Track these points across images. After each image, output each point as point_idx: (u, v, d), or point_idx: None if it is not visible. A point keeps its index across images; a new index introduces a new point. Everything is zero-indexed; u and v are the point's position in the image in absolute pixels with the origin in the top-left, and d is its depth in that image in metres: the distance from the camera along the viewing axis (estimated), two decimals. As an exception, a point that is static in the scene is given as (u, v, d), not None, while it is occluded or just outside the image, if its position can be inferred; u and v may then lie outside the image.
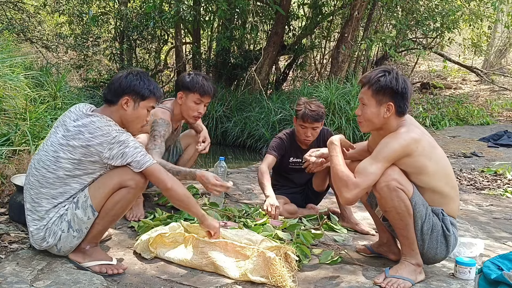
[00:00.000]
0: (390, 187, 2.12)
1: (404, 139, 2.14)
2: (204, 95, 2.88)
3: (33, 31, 10.63)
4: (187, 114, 2.93)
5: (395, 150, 2.13)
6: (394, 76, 2.18)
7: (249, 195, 3.87)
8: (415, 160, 2.14)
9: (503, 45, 13.54)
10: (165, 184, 2.14)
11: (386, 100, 2.18)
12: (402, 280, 2.15)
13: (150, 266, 2.24)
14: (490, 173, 5.26)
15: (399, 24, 8.87)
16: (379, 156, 2.14)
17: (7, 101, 3.51)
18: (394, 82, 2.16)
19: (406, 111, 2.23)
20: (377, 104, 2.20)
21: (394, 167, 2.15)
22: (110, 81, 2.21)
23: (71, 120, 2.11)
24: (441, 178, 2.20)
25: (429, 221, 2.18)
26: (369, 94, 2.22)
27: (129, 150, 2.06)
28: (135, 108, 2.18)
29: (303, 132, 3.15)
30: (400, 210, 2.14)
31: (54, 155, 2.06)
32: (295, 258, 2.26)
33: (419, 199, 2.17)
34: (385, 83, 2.17)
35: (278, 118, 7.52)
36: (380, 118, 2.21)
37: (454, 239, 2.25)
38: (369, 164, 2.15)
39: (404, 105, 2.19)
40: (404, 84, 2.18)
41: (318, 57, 11.84)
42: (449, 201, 2.24)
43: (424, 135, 2.22)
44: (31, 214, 2.11)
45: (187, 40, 11.27)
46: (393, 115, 2.20)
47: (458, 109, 9.30)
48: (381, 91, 2.18)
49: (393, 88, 2.16)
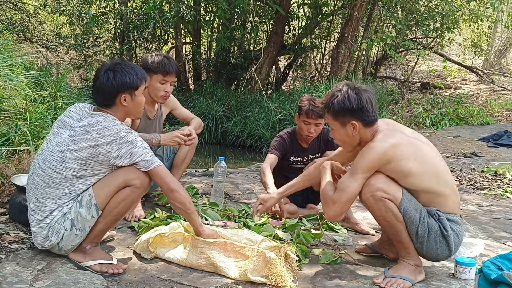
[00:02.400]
0: (376, 198, 2.13)
1: (380, 147, 2.12)
2: (167, 75, 2.94)
3: (33, 31, 10.64)
4: (155, 94, 2.99)
5: (372, 160, 2.12)
6: (345, 95, 2.18)
7: (249, 195, 3.87)
8: (397, 165, 2.11)
9: (503, 45, 13.54)
10: (169, 186, 2.15)
11: (347, 120, 2.19)
12: (401, 280, 2.15)
13: (150, 266, 2.24)
14: (490, 173, 5.26)
15: (399, 24, 8.88)
16: (357, 169, 2.15)
17: (7, 101, 3.50)
18: (347, 102, 2.17)
19: (374, 119, 2.20)
20: (342, 126, 2.23)
21: (378, 176, 2.14)
22: (98, 86, 2.15)
23: (74, 120, 2.11)
24: (430, 177, 2.15)
25: (424, 224, 2.14)
26: (331, 119, 2.26)
27: (138, 150, 2.09)
28: (133, 100, 2.20)
29: (306, 128, 3.14)
30: (388, 219, 2.15)
31: (60, 155, 2.06)
32: (295, 258, 2.26)
33: (409, 204, 2.13)
34: (339, 106, 2.18)
35: (278, 118, 7.53)
36: (351, 137, 2.23)
37: (455, 237, 2.18)
38: (346, 179, 2.17)
39: (368, 116, 2.18)
40: (358, 98, 2.16)
41: (318, 57, 11.84)
42: (445, 198, 2.18)
43: (404, 137, 2.17)
44: (34, 214, 2.11)
45: (187, 40, 11.27)
46: (362, 129, 2.20)
47: (458, 109, 9.30)
48: (339, 114, 2.20)
49: (348, 108, 2.17)
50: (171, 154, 3.25)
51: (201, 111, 8.33)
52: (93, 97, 2.20)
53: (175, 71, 2.98)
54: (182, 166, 3.19)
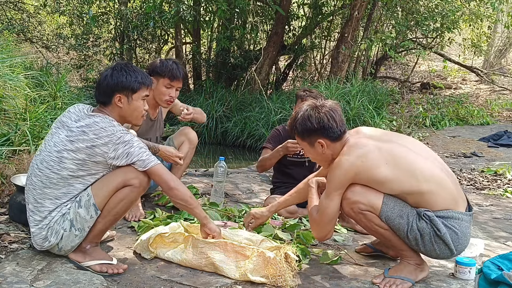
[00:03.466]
0: (355, 211, 2.14)
1: (346, 161, 2.09)
2: (173, 80, 2.96)
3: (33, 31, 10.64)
4: (159, 98, 3.00)
5: (339, 175, 2.11)
6: (305, 116, 2.19)
7: (249, 195, 3.87)
8: (367, 175, 2.08)
9: (503, 45, 13.54)
10: (169, 184, 2.15)
11: (313, 139, 2.20)
12: (400, 280, 2.15)
13: (150, 266, 2.24)
14: (490, 173, 5.25)
15: (398, 25, 8.88)
16: (329, 188, 2.15)
17: (7, 101, 3.50)
18: (308, 123, 2.18)
19: (340, 133, 2.18)
20: (310, 146, 2.24)
21: (353, 188, 2.12)
22: (98, 82, 2.21)
23: (72, 120, 2.11)
24: (407, 178, 2.07)
25: (413, 229, 2.07)
26: (299, 140, 2.29)
27: (134, 150, 2.08)
28: (129, 103, 2.19)
29: None
30: (374, 229, 2.16)
31: (57, 155, 2.06)
32: (295, 258, 2.26)
33: (391, 213, 2.08)
34: (301, 127, 2.21)
35: (278, 118, 7.53)
36: (321, 154, 2.24)
37: (452, 234, 2.06)
38: (323, 199, 2.18)
39: (333, 132, 2.16)
40: (317, 116, 2.16)
41: (318, 57, 11.84)
42: (433, 196, 2.07)
43: (371, 144, 2.11)
44: (33, 215, 2.11)
45: (187, 40, 11.27)
46: (330, 145, 2.19)
47: (458, 109, 9.29)
48: (304, 134, 2.22)
49: (310, 128, 2.18)
50: None
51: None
52: (94, 94, 2.23)
53: (182, 77, 2.99)
54: (182, 166, 3.18)
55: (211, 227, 2.30)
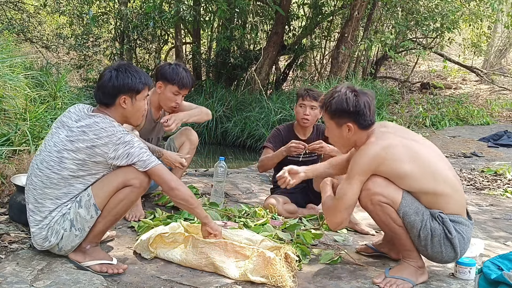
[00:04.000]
0: (373, 202, 2.12)
1: (371, 150, 2.10)
2: (182, 88, 2.93)
3: (33, 31, 10.64)
4: (165, 103, 2.98)
5: (364, 163, 2.10)
6: (343, 96, 2.16)
7: (249, 195, 3.87)
8: (390, 167, 2.09)
9: (503, 45, 13.54)
10: (169, 184, 2.15)
11: (343, 121, 2.18)
12: (401, 281, 2.14)
13: (150, 266, 2.24)
14: (490, 173, 5.25)
15: (398, 25, 8.88)
16: (351, 174, 2.14)
17: (7, 101, 3.50)
18: (345, 104, 2.15)
19: (370, 123, 2.18)
20: (337, 126, 2.22)
21: (376, 179, 2.11)
22: (100, 84, 2.17)
23: (72, 120, 2.11)
24: (427, 178, 2.10)
25: (426, 228, 2.09)
26: (327, 118, 2.24)
27: (135, 150, 2.08)
28: (133, 103, 2.19)
29: (302, 111, 3.23)
30: (387, 223, 2.14)
31: (58, 155, 2.06)
32: (295, 258, 2.26)
33: (409, 208, 2.10)
34: (336, 106, 2.17)
35: (278, 118, 7.53)
36: (345, 138, 2.22)
37: (460, 239, 2.12)
38: (343, 185, 2.17)
39: (364, 120, 2.16)
40: (356, 100, 2.14)
41: (318, 57, 11.85)
42: (446, 199, 2.12)
43: (397, 139, 2.14)
44: (33, 215, 2.11)
45: (187, 40, 11.27)
46: (357, 131, 2.18)
47: (458, 109, 9.30)
48: (336, 114, 2.19)
49: (344, 109, 2.15)
50: None
51: (201, 111, 8.31)
52: (94, 95, 2.20)
53: (191, 85, 2.96)
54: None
55: (212, 226, 2.30)
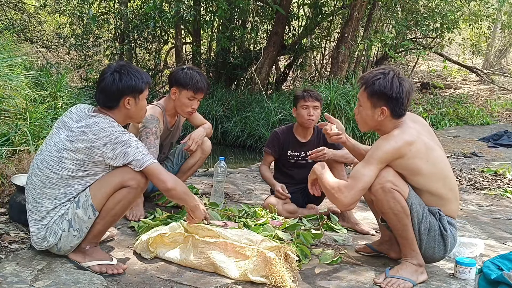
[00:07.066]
0: (385, 189, 2.13)
1: (396, 141, 2.13)
2: (197, 92, 2.89)
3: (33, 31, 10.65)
4: (181, 109, 2.96)
5: (386, 151, 2.12)
6: (390, 80, 2.15)
7: (249, 195, 3.87)
8: (409, 162, 2.13)
9: (503, 45, 13.54)
10: (166, 184, 2.14)
11: (380, 104, 2.18)
12: (402, 281, 2.15)
13: (150, 266, 2.24)
14: (490, 173, 5.26)
15: (398, 25, 8.88)
16: (371, 159, 2.14)
17: (7, 101, 3.50)
18: (389, 87, 2.14)
19: (403, 114, 2.21)
20: (372, 107, 2.21)
21: (388, 169, 2.15)
22: (103, 87, 2.15)
23: (73, 121, 2.11)
24: (438, 180, 2.19)
25: (426, 221, 2.17)
26: (364, 96, 2.23)
27: (131, 149, 2.07)
28: (136, 103, 2.20)
29: (306, 112, 3.18)
30: (396, 211, 2.14)
31: (57, 155, 2.06)
32: (295, 258, 2.26)
33: (415, 199, 2.17)
34: (379, 88, 2.16)
35: (278, 118, 7.53)
36: (374, 120, 2.22)
37: (452, 238, 2.23)
38: (361, 167, 2.16)
39: (399, 109, 2.17)
40: (400, 88, 2.14)
41: (318, 57, 11.84)
42: (446, 203, 2.23)
43: (420, 137, 2.18)
44: (32, 215, 2.11)
45: (187, 40, 11.27)
46: (388, 118, 2.19)
47: (458, 109, 9.30)
48: (376, 95, 2.18)
49: (387, 93, 2.15)
50: (182, 159, 3.24)
51: (201, 111, 8.28)
52: (96, 97, 2.19)
53: (206, 89, 2.92)
54: (188, 173, 3.19)
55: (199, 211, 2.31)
